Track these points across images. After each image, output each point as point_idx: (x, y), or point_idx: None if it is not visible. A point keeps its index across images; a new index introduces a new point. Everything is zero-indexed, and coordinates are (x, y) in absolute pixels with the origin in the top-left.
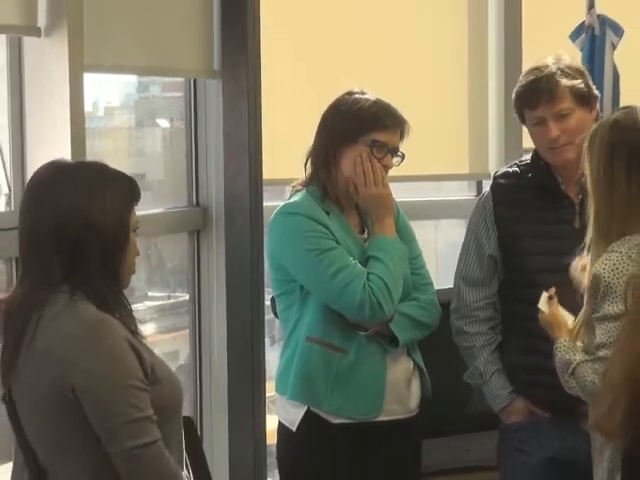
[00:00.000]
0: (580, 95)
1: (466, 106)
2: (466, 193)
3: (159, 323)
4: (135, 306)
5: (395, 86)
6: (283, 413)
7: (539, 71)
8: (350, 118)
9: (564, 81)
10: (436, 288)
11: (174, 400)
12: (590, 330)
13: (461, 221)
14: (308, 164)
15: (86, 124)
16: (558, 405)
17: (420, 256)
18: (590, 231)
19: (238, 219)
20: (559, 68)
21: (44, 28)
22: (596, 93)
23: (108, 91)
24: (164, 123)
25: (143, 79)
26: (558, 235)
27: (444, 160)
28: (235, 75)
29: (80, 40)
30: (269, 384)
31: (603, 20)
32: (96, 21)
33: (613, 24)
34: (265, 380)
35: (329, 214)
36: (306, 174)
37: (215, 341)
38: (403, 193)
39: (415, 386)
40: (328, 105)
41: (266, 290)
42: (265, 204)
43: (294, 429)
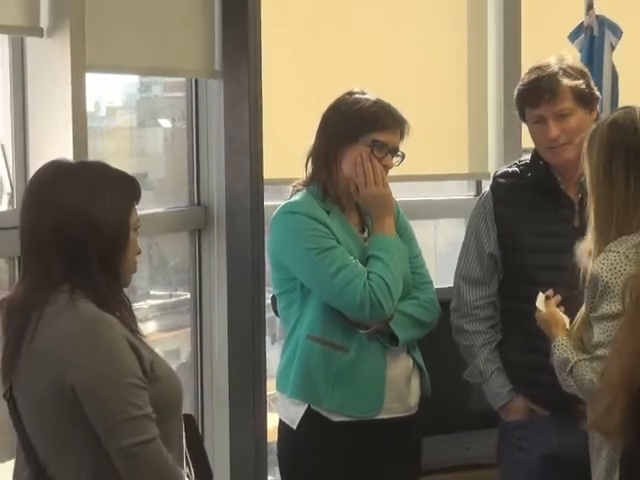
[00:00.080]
0: (581, 95)
1: (466, 106)
2: (465, 193)
3: (161, 321)
4: (137, 304)
5: (395, 86)
6: (284, 411)
7: (541, 70)
8: (350, 118)
9: (566, 81)
10: (436, 287)
11: (174, 398)
12: (588, 329)
13: (460, 220)
14: (309, 164)
15: (88, 124)
16: (557, 403)
17: (420, 255)
18: (590, 231)
19: (239, 218)
20: (561, 68)
21: (46, 28)
22: (597, 94)
23: (110, 91)
24: (166, 123)
25: (145, 79)
26: (558, 233)
27: (444, 160)
28: (236, 75)
29: (82, 40)
30: (270, 382)
31: (602, 21)
32: (98, 21)
33: (612, 25)
34: (266, 378)
35: (330, 213)
36: (307, 174)
37: (216, 339)
38: (403, 193)
39: (415, 384)
40: (328, 105)
41: (267, 289)
42: (266, 203)
43: (295, 427)
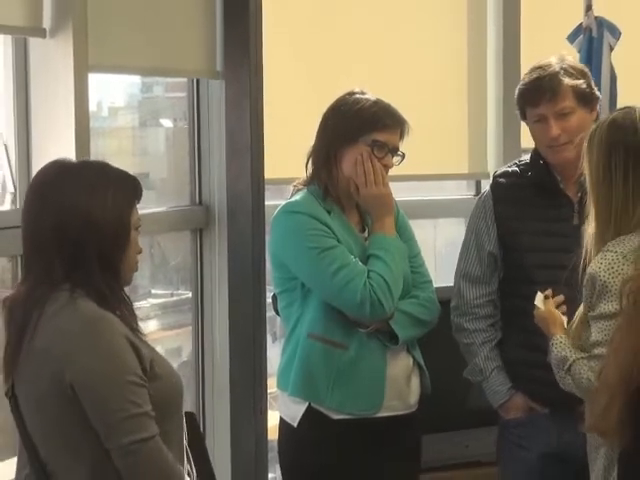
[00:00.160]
0: (582, 95)
1: (465, 106)
2: (465, 192)
3: (162, 320)
4: (139, 303)
5: (395, 86)
6: (284, 409)
7: (542, 70)
8: (351, 118)
9: (567, 80)
10: (435, 286)
11: (174, 396)
12: (586, 328)
13: (460, 220)
14: (309, 164)
15: (90, 124)
16: (557, 401)
17: (419, 254)
18: (589, 230)
19: (240, 218)
20: (562, 67)
21: (49, 29)
22: (597, 94)
23: (112, 91)
24: (167, 123)
25: (147, 79)
26: (557, 232)
27: (443, 160)
28: (237, 76)
29: (84, 41)
30: (270, 380)
31: (600, 22)
32: (100, 22)
33: (610, 26)
34: (267, 376)
35: (330, 213)
36: (307, 173)
37: (217, 338)
38: (403, 192)
39: (415, 382)
40: (329, 105)
41: (268, 288)
42: (267, 203)
43: (295, 425)
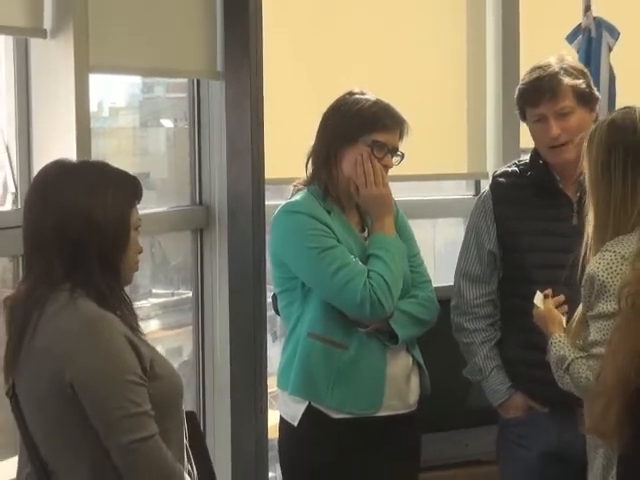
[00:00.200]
0: (582, 95)
1: (464, 107)
2: (464, 192)
3: (163, 320)
4: (139, 303)
5: (394, 86)
6: (284, 408)
7: (542, 70)
8: (350, 118)
9: (566, 80)
10: (435, 286)
11: (174, 396)
12: (585, 327)
13: (459, 220)
14: (309, 164)
15: (91, 124)
16: (556, 400)
17: (418, 254)
18: (588, 230)
19: (240, 218)
20: (562, 67)
21: (50, 30)
22: (597, 94)
23: (113, 92)
24: (168, 123)
25: (147, 80)
26: (556, 232)
27: (443, 160)
28: (238, 76)
29: (85, 41)
30: (271, 380)
31: (599, 22)
32: (101, 23)
33: (609, 26)
34: (267, 376)
35: (330, 213)
36: (307, 174)
37: (218, 337)
38: (402, 192)
39: (414, 382)
40: (329, 105)
41: (268, 287)
42: (267, 203)
43: (295, 424)
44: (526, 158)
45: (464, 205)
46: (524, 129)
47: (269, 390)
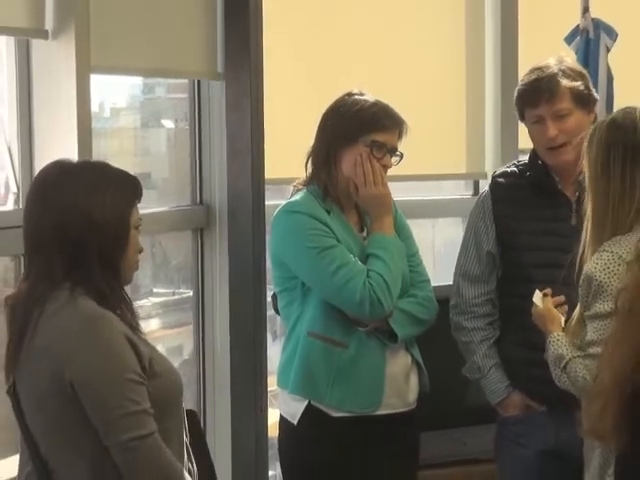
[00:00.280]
0: (580, 96)
1: (463, 107)
2: (463, 192)
3: (164, 319)
4: (140, 302)
5: (394, 87)
6: (284, 407)
7: (541, 71)
8: (350, 119)
9: (565, 82)
10: (434, 285)
11: (173, 394)
12: (583, 327)
13: (458, 220)
14: (309, 164)
15: (92, 124)
16: (554, 399)
17: (417, 254)
18: (586, 229)
19: (241, 217)
20: (561, 69)
21: (51, 30)
22: (596, 96)
23: (114, 92)
24: (169, 123)
25: (148, 81)
26: (555, 232)
27: (442, 160)
28: (238, 77)
29: (87, 42)
30: (271, 378)
31: (597, 23)
32: (102, 24)
33: (607, 27)
34: (267, 375)
35: (330, 213)
36: (307, 174)
37: (218, 336)
38: (402, 192)
39: (413, 380)
40: (328, 106)
41: (268, 287)
42: (267, 203)
43: (295, 422)
44: (525, 158)
45: (463, 205)
46: (523, 130)
47: (269, 389)
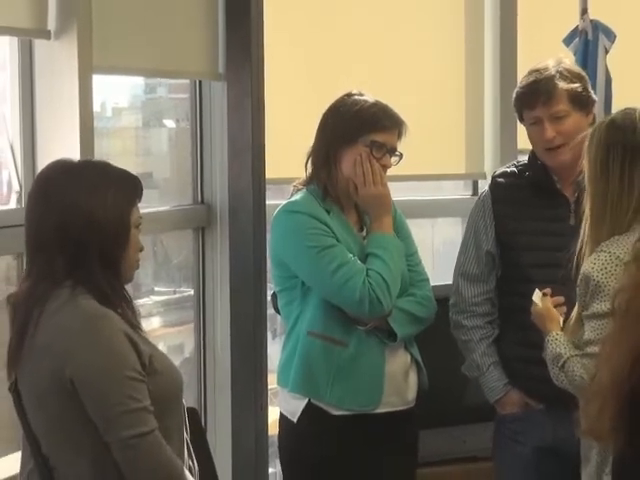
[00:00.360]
0: (577, 98)
1: (463, 108)
2: (462, 192)
3: (165, 317)
4: (142, 301)
5: (394, 88)
6: (284, 405)
7: (539, 73)
8: (350, 119)
9: (562, 84)
10: (433, 284)
11: (174, 392)
12: (581, 326)
13: (457, 219)
14: (309, 164)
15: (94, 124)
16: (552, 397)
17: (416, 253)
18: (585, 229)
19: (242, 217)
20: (558, 71)
21: (54, 31)
22: (594, 98)
23: (116, 92)
24: (170, 123)
25: (150, 81)
26: (554, 232)
27: (441, 160)
28: (239, 77)
29: (89, 43)
30: (271, 377)
31: (596, 25)
32: (105, 24)
33: (606, 29)
34: (267, 373)
35: (329, 213)
36: (307, 174)
37: (219, 335)
38: (401, 192)
39: (412, 378)
40: (328, 106)
41: (268, 286)
42: (268, 202)
43: (295, 420)
44: (525, 159)
45: (463, 205)
46: (522, 130)
47: (269, 387)
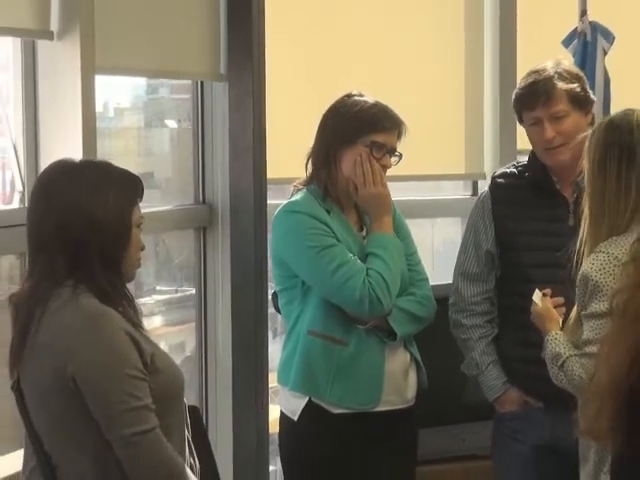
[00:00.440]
0: (576, 98)
1: (462, 108)
2: (462, 193)
3: (166, 316)
4: (143, 300)
5: (393, 88)
6: (285, 403)
7: (538, 74)
8: (350, 120)
9: (561, 84)
10: (433, 284)
11: (175, 390)
12: (580, 326)
13: (457, 219)
14: (309, 164)
15: (97, 124)
16: (551, 395)
17: (415, 253)
18: (584, 228)
19: (243, 216)
20: (557, 72)
21: (57, 32)
22: (593, 98)
23: (118, 92)
24: (172, 124)
25: (152, 81)
26: (553, 232)
27: (441, 161)
28: (240, 78)
29: (91, 43)
30: (271, 375)
31: (595, 26)
32: (107, 25)
33: (604, 30)
34: (268, 372)
35: (330, 212)
36: (307, 174)
37: (220, 334)
38: (401, 192)
39: (412, 377)
40: (328, 107)
41: (269, 285)
42: (269, 202)
43: (295, 419)
44: (525, 159)
45: (462, 205)
46: (521, 131)
47: (270, 385)
